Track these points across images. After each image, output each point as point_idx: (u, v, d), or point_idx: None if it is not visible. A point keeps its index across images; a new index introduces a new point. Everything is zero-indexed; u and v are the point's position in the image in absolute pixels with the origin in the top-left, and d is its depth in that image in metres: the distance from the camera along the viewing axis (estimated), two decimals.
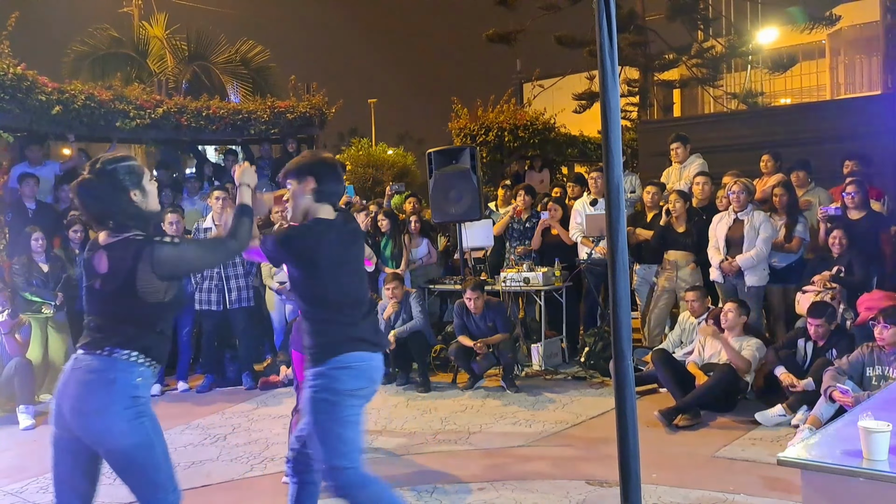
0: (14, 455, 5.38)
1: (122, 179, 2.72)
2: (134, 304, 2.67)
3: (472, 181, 7.64)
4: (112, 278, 2.66)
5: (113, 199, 2.70)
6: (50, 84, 8.45)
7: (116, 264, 2.66)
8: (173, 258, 2.70)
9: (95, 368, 2.64)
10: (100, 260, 2.69)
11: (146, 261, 2.64)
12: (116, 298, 2.68)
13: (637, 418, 2.07)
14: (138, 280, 2.64)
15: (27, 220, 7.76)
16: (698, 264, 7.03)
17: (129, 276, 2.64)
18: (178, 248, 2.75)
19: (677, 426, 5.43)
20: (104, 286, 2.69)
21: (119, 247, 2.68)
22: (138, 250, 2.65)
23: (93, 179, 2.71)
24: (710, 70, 16.12)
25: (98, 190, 2.69)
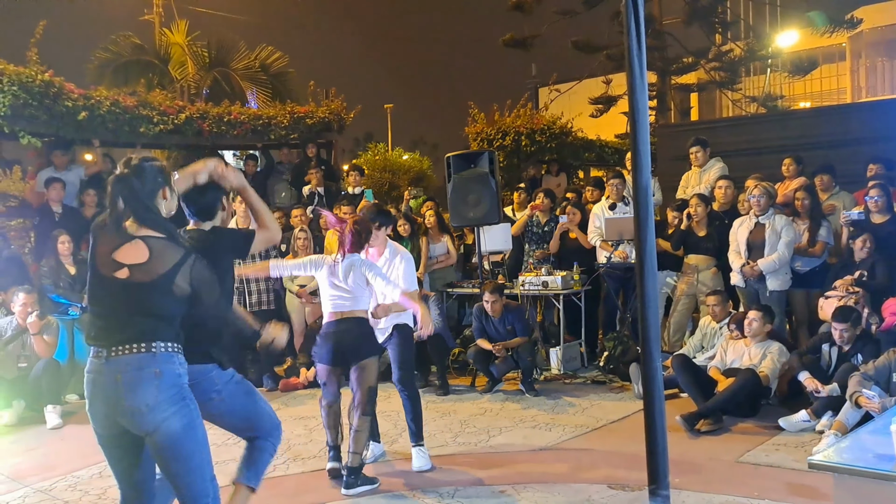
0: (42, 454, 5.45)
1: (155, 177, 2.80)
2: (164, 298, 2.73)
3: (491, 185, 7.65)
4: (146, 270, 2.70)
5: (146, 194, 2.76)
6: (76, 90, 8.58)
7: (157, 258, 2.71)
8: (208, 279, 2.83)
9: (139, 365, 2.68)
10: (134, 249, 2.72)
11: (188, 265, 2.76)
12: (147, 291, 2.70)
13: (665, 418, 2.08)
14: (178, 279, 2.73)
15: (53, 223, 7.88)
16: (719, 268, 7.01)
17: (169, 275, 2.71)
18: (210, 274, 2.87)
19: (699, 431, 5.41)
20: (134, 276, 2.70)
21: (161, 241, 2.74)
22: (186, 254, 2.76)
23: (129, 174, 2.76)
24: (729, 73, 16.02)
25: (134, 184, 2.75)
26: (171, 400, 2.70)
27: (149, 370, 2.68)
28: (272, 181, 10.48)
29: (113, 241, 2.75)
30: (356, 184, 9.58)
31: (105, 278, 2.73)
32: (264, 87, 15.72)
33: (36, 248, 8.50)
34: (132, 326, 2.71)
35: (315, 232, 8.59)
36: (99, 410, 2.75)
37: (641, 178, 2.04)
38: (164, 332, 2.74)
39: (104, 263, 2.73)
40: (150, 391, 2.67)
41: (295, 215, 8.53)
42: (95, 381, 2.74)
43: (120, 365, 2.69)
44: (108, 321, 2.75)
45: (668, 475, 2.16)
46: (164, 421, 2.68)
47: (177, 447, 2.72)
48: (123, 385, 2.67)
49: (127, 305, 2.72)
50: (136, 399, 2.66)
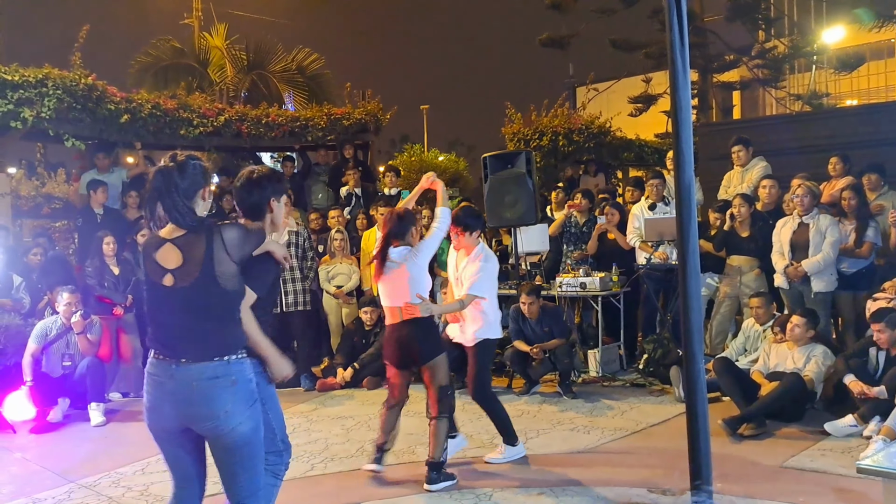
0: (87, 451, 5.55)
1: (197, 175, 2.80)
2: (214, 295, 2.71)
3: (528, 185, 7.59)
4: (188, 270, 2.70)
5: (184, 190, 2.76)
6: (118, 94, 8.74)
7: (190, 253, 2.71)
8: (241, 236, 2.77)
9: (214, 374, 2.70)
10: (169, 253, 2.73)
11: (218, 242, 2.71)
12: (196, 292, 2.70)
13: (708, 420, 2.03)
14: (216, 265, 2.70)
15: (96, 225, 8.03)
16: (763, 270, 6.87)
17: (207, 264, 2.69)
18: (243, 227, 2.82)
19: (742, 435, 5.30)
20: (179, 282, 2.71)
21: (187, 237, 2.73)
22: (208, 235, 2.72)
23: (172, 168, 2.77)
24: (773, 71, 15.74)
25: (174, 178, 2.75)
26: (245, 406, 2.75)
27: (225, 379, 2.72)
28: (309, 182, 10.56)
29: (153, 242, 2.78)
30: (393, 185, 9.60)
31: (158, 286, 2.74)
32: (301, 89, 15.87)
33: (79, 248, 8.69)
34: (201, 335, 2.72)
35: (352, 233, 8.63)
36: (168, 413, 2.75)
37: (684, 175, 1.99)
38: (233, 337, 2.78)
39: (153, 270, 2.76)
40: (226, 399, 2.71)
41: (332, 216, 8.58)
42: (164, 385, 2.73)
43: (193, 373, 2.70)
44: (169, 329, 2.75)
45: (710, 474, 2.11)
46: (239, 425, 2.73)
47: (245, 449, 2.78)
48: (199, 393, 2.69)
49: (182, 310, 2.72)
50: (215, 407, 2.70)
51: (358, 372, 7.35)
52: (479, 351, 4.95)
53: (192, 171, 2.79)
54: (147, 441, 2.90)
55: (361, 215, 8.79)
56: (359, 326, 7.67)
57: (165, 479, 4.45)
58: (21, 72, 7.72)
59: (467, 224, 4.89)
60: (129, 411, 6.65)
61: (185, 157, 2.82)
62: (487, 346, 5.00)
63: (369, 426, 5.93)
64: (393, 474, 4.77)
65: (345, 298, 8.04)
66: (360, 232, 8.55)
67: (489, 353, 5.07)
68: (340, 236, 8.17)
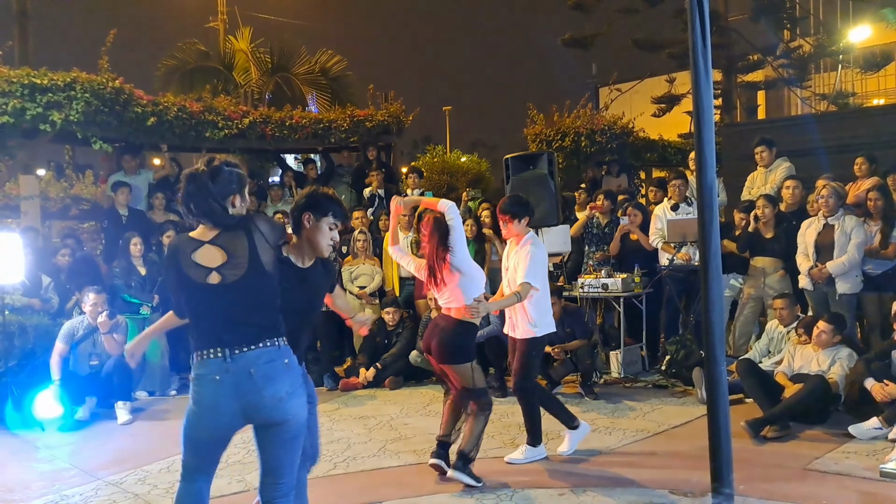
0: (113, 449, 5.63)
1: (230, 181, 2.85)
2: (263, 284, 2.80)
3: (550, 186, 7.57)
4: (235, 265, 2.77)
5: (215, 195, 2.80)
6: (145, 97, 8.85)
7: (233, 249, 2.78)
8: (270, 222, 2.92)
9: (270, 358, 2.80)
10: (211, 253, 2.78)
11: (258, 232, 2.82)
12: (246, 283, 2.76)
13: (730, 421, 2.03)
14: (261, 254, 2.80)
15: (122, 226, 8.15)
16: (787, 271, 6.81)
17: (253, 255, 2.79)
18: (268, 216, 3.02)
19: (765, 437, 5.26)
20: (228, 277, 2.76)
21: (225, 235, 2.80)
22: (246, 228, 2.82)
23: (205, 173, 2.82)
24: (798, 71, 15.57)
25: (205, 182, 2.80)
26: (301, 390, 2.87)
27: (280, 361, 2.82)
28: (332, 184, 10.63)
29: (190, 247, 2.81)
30: (415, 186, 9.64)
31: (202, 286, 2.77)
32: (324, 91, 15.98)
33: (106, 249, 8.82)
34: (250, 324, 2.78)
35: (375, 234, 8.68)
36: (229, 408, 2.78)
37: (706, 176, 1.99)
38: (276, 326, 2.86)
39: (194, 272, 2.78)
40: (285, 380, 2.82)
41: (355, 217, 8.63)
42: (220, 383, 2.76)
43: (249, 360, 2.77)
44: (216, 324, 2.78)
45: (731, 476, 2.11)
46: (299, 408, 2.85)
47: (297, 435, 2.88)
48: (259, 378, 2.77)
49: (229, 305, 2.77)
50: (277, 388, 2.79)
51: (380, 372, 7.39)
52: (527, 346, 4.88)
53: (225, 176, 2.84)
54: (172, 439, 2.95)
55: (384, 216, 8.83)
56: (381, 327, 7.71)
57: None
58: (50, 75, 7.85)
59: (514, 212, 4.85)
60: (155, 410, 6.74)
61: (219, 162, 2.87)
62: (537, 343, 4.92)
63: (391, 426, 5.97)
64: (413, 473, 4.80)
65: (367, 299, 8.09)
66: (382, 233, 8.60)
67: (538, 349, 4.99)
68: (363, 237, 8.22)
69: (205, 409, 2.80)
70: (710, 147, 2.00)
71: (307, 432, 3.16)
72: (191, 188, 2.81)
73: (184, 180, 2.85)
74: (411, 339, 7.56)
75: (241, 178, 2.90)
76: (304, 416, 2.89)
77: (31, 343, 6.60)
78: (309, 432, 3.27)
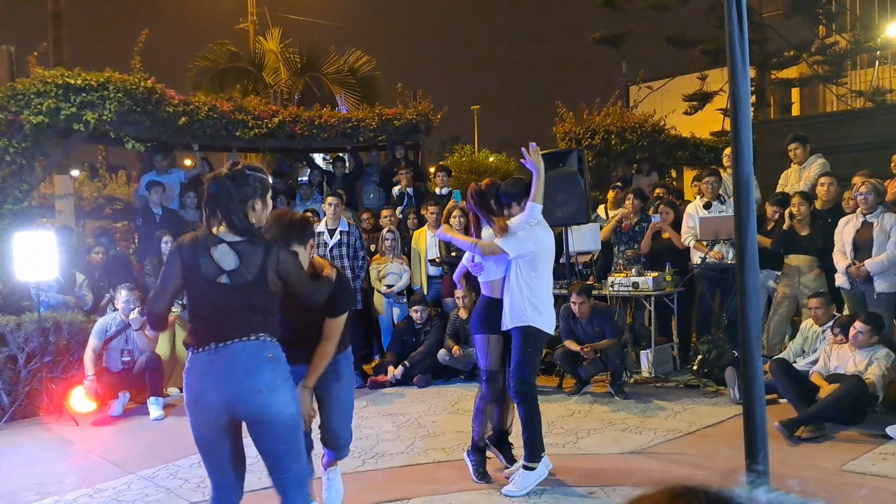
0: (146, 443, 5.71)
1: (251, 185, 2.90)
2: (263, 295, 2.86)
3: (580, 184, 7.51)
4: (243, 272, 2.83)
5: (237, 199, 2.86)
6: (176, 97, 8.93)
7: (247, 258, 2.84)
8: (293, 263, 2.97)
9: (253, 350, 2.81)
10: (226, 254, 2.85)
11: (273, 259, 2.86)
12: (248, 290, 2.83)
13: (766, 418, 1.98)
14: (268, 274, 2.85)
15: (155, 225, 8.25)
16: (822, 269, 6.68)
17: (261, 272, 2.84)
18: (296, 259, 3.05)
19: (800, 438, 5.17)
20: (234, 281, 2.84)
21: (245, 244, 2.87)
22: (266, 248, 2.88)
23: (227, 176, 2.88)
24: (833, 67, 15.27)
25: (227, 186, 2.86)
26: (286, 384, 2.87)
27: (263, 354, 2.83)
28: (361, 183, 10.67)
29: (208, 242, 2.87)
30: (443, 184, 9.63)
31: (208, 282, 2.84)
32: (353, 90, 16.03)
33: (139, 248, 8.94)
34: (239, 320, 2.83)
35: (403, 233, 8.68)
36: (212, 401, 2.82)
37: (743, 170, 1.94)
38: (269, 326, 2.88)
39: (207, 266, 2.84)
40: (266, 373, 2.81)
41: (384, 215, 8.64)
42: (204, 374, 2.83)
43: (234, 352, 2.81)
44: (212, 320, 2.85)
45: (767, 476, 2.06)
46: (285, 405, 2.83)
47: (291, 431, 2.88)
48: (241, 369, 2.80)
49: (231, 303, 2.84)
50: (257, 380, 2.79)
51: (408, 370, 7.40)
52: (524, 336, 4.39)
53: (247, 180, 2.90)
54: None
55: (412, 215, 8.83)
56: (409, 325, 7.72)
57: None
58: (84, 75, 7.95)
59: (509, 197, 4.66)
60: (185, 406, 6.80)
61: (242, 167, 2.93)
62: (536, 334, 4.42)
63: (419, 423, 5.96)
64: (441, 470, 4.79)
65: (395, 298, 8.10)
66: (410, 231, 8.60)
67: (537, 341, 4.47)
68: (392, 236, 8.23)
69: (191, 403, 2.87)
70: (748, 139, 1.95)
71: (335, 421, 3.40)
72: (212, 190, 2.87)
73: (206, 183, 2.90)
74: (439, 338, 7.55)
75: (263, 183, 2.95)
76: (292, 412, 2.86)
77: (65, 339, 6.71)
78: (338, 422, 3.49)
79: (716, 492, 0.75)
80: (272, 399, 2.80)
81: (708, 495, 0.74)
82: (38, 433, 6.06)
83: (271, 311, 2.91)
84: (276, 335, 2.91)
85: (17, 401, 6.33)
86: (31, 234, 6.63)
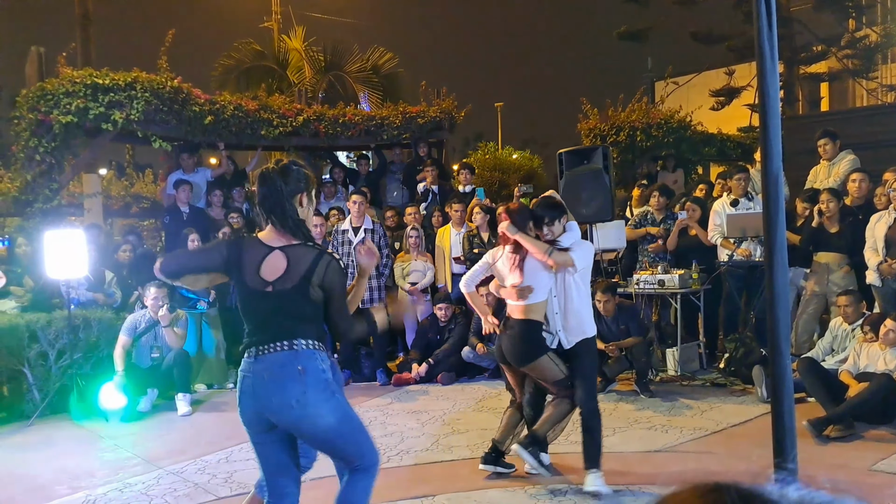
0: (174, 439, 5.77)
1: (298, 180, 2.90)
2: (303, 302, 2.82)
3: (605, 181, 7.45)
4: (288, 277, 2.81)
5: (286, 194, 2.87)
6: (202, 96, 9.00)
7: (296, 264, 2.82)
8: (340, 281, 2.88)
9: (283, 363, 2.78)
10: (275, 261, 2.84)
11: (321, 268, 2.82)
12: (289, 296, 2.81)
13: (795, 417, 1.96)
14: (312, 283, 2.82)
15: (182, 223, 8.33)
16: (852, 267, 6.58)
17: (303, 280, 2.81)
18: (344, 279, 2.93)
19: (828, 437, 5.10)
20: (277, 286, 2.82)
21: (297, 249, 2.85)
22: (317, 256, 2.84)
23: (275, 172, 2.89)
24: (864, 61, 15.02)
25: (277, 182, 2.87)
26: (320, 395, 2.79)
27: (292, 367, 2.78)
28: (385, 181, 10.69)
29: (257, 253, 2.86)
30: (467, 182, 9.63)
31: (253, 291, 2.84)
32: (376, 88, 16.07)
33: (166, 246, 9.04)
34: (275, 326, 2.82)
35: (427, 230, 8.69)
36: (248, 407, 2.84)
37: (772, 166, 1.92)
38: (306, 331, 2.84)
39: (251, 278, 2.84)
40: (296, 387, 2.76)
41: (408, 213, 8.66)
42: (244, 380, 2.85)
43: (266, 363, 2.80)
44: (254, 322, 2.87)
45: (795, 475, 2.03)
46: (318, 418, 2.78)
47: (333, 439, 2.85)
48: (272, 382, 2.77)
49: (270, 308, 2.83)
50: (285, 395, 2.76)
51: (433, 367, 7.41)
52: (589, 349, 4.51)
53: (294, 175, 2.90)
54: (230, 431, 3.01)
55: (437, 212, 8.84)
56: (433, 322, 7.73)
57: (248, 466, 4.60)
58: (111, 75, 8.05)
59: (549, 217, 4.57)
60: (213, 402, 6.88)
61: (288, 161, 2.95)
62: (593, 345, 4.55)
63: (444, 420, 5.97)
64: (466, 467, 4.79)
65: (419, 296, 8.11)
66: (435, 229, 8.61)
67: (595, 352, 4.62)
68: (416, 233, 8.24)
69: (238, 402, 2.89)
70: (777, 135, 1.93)
71: None
72: (265, 190, 2.88)
73: (258, 182, 2.91)
74: (463, 335, 7.55)
75: (308, 177, 2.96)
76: (328, 424, 2.80)
77: (94, 336, 6.80)
78: None
79: (746, 489, 0.74)
80: (304, 413, 2.76)
81: (739, 492, 0.74)
82: (69, 428, 6.16)
83: (310, 317, 2.86)
84: (314, 339, 2.85)
85: (49, 396, 6.43)
86: (60, 232, 6.72)
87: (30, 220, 7.60)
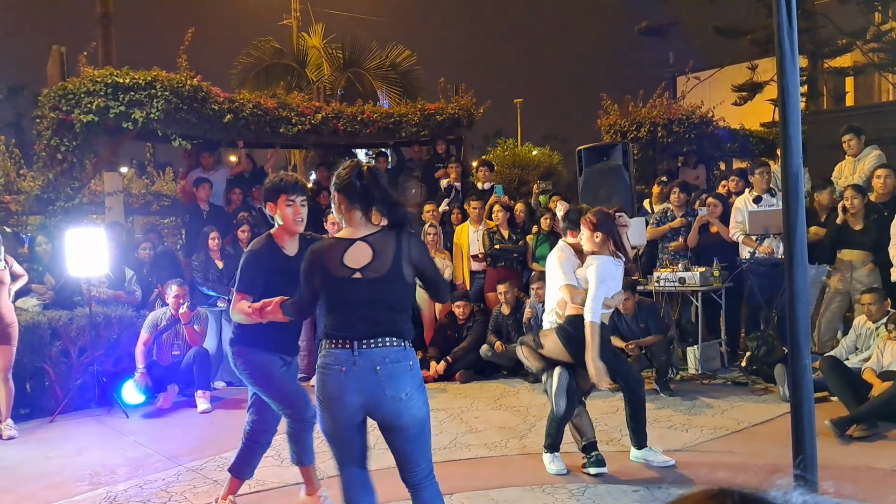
0: (194, 436, 5.81)
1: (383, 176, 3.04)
2: (398, 288, 2.90)
3: (625, 178, 7.39)
4: (378, 265, 2.87)
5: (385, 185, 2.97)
6: (222, 94, 9.04)
7: (381, 250, 2.89)
8: (424, 250, 3.02)
9: (396, 358, 2.87)
10: (362, 250, 2.89)
11: (406, 246, 2.91)
12: (384, 285, 2.86)
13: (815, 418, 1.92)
14: (403, 262, 2.89)
15: (202, 221, 8.38)
16: (876, 264, 6.47)
17: (395, 262, 2.88)
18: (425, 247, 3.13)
19: (851, 437, 5.02)
20: (369, 274, 2.86)
21: (378, 236, 2.92)
22: (398, 236, 2.92)
23: (368, 169, 2.98)
24: (890, 55, 14.78)
25: (379, 174, 2.99)
26: (420, 390, 2.94)
27: (404, 363, 2.89)
28: (403, 178, 10.68)
29: (339, 248, 2.90)
30: (486, 179, 9.59)
31: (340, 279, 2.87)
32: (395, 85, 16.06)
33: (186, 243, 9.09)
34: (382, 321, 2.87)
35: (445, 227, 8.67)
36: (352, 403, 2.86)
37: (792, 162, 1.88)
38: (408, 325, 2.95)
39: (336, 268, 2.88)
40: (407, 382, 2.88)
41: (427, 210, 8.64)
42: (346, 374, 2.84)
43: (376, 357, 2.84)
44: (351, 315, 2.87)
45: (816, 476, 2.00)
46: (418, 410, 2.90)
47: (423, 433, 2.95)
48: (384, 376, 2.84)
49: (364, 299, 2.86)
50: (398, 389, 2.86)
51: (451, 365, 7.40)
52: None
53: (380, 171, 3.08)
54: None
55: (456, 210, 8.81)
56: (452, 320, 7.71)
57: (267, 464, 4.61)
58: (132, 74, 8.11)
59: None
60: (233, 399, 6.92)
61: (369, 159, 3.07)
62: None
63: (462, 419, 5.95)
64: (484, 466, 4.78)
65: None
66: (453, 226, 8.58)
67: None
68: (434, 230, 8.23)
69: (328, 399, 2.88)
70: (797, 131, 1.89)
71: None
72: (371, 184, 2.93)
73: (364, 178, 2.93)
74: (482, 333, 7.53)
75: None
76: (423, 415, 2.93)
77: (115, 333, 6.87)
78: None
79: (750, 493, 0.74)
80: (409, 405, 2.87)
81: (742, 496, 0.73)
82: (90, 425, 6.22)
83: (405, 307, 2.96)
84: (411, 337, 2.96)
85: (70, 393, 6.50)
86: (82, 230, 6.79)
87: (51, 219, 7.67)
